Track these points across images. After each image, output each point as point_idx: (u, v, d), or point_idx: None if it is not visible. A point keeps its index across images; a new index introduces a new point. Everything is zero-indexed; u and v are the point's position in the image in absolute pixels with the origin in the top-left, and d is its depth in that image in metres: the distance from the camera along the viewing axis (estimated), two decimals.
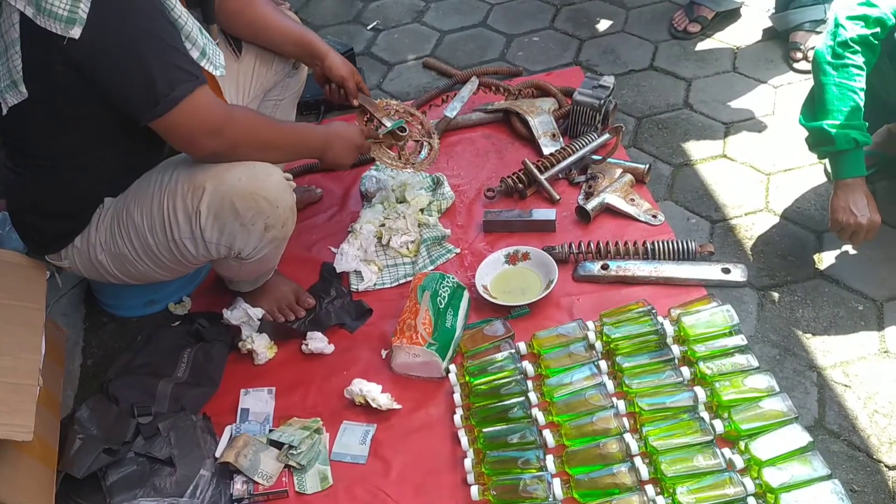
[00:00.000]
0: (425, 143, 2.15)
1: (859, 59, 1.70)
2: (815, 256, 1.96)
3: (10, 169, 1.71)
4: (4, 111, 1.52)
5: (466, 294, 1.95)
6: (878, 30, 1.69)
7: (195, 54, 1.56)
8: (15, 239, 2.00)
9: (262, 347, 1.89)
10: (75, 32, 1.38)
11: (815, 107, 1.77)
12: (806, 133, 1.82)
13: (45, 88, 1.48)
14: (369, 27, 3.07)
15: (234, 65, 1.91)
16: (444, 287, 1.90)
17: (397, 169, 2.09)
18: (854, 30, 1.69)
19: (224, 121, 1.55)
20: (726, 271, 1.93)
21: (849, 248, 1.95)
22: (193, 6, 1.74)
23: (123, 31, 1.42)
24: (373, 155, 2.06)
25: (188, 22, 1.55)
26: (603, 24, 2.90)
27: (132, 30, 1.43)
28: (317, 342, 1.90)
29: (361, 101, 2.06)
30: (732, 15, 2.79)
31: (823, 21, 2.53)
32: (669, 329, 1.77)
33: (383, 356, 1.87)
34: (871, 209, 1.74)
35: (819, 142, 1.77)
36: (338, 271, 2.04)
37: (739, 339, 1.72)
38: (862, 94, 1.70)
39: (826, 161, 1.92)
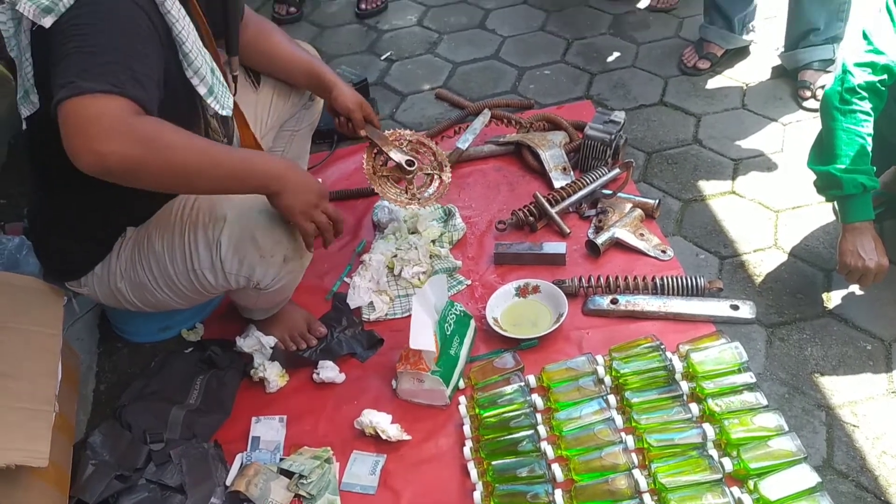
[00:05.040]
0: (436, 177, 2.13)
1: (867, 105, 1.73)
2: (824, 295, 1.98)
3: (38, 192, 1.74)
4: (24, 126, 1.53)
5: (473, 323, 1.97)
6: (885, 77, 1.72)
7: (202, 90, 1.56)
8: (32, 263, 2.04)
9: (274, 375, 1.91)
10: (47, 21, 1.34)
11: (823, 151, 1.79)
12: (814, 176, 1.85)
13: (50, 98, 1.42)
14: (383, 58, 3.11)
15: (252, 96, 1.95)
16: (451, 314, 1.92)
17: (401, 206, 2.07)
18: (862, 76, 1.72)
19: (119, 126, 1.31)
20: (735, 308, 1.94)
21: (856, 288, 1.97)
22: (219, 36, 1.78)
23: (85, 23, 1.34)
24: (376, 190, 2.04)
25: (198, 58, 1.55)
26: (613, 59, 2.94)
27: (94, 25, 1.35)
28: (328, 371, 1.91)
29: (368, 134, 2.04)
30: (741, 52, 2.83)
31: (832, 61, 2.57)
32: (678, 365, 1.79)
33: (393, 386, 1.88)
34: (880, 253, 1.76)
35: (827, 185, 1.79)
36: (351, 307, 2.06)
37: (748, 377, 1.73)
38: (870, 140, 1.73)
39: (834, 202, 1.94)
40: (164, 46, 1.48)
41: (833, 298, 1.97)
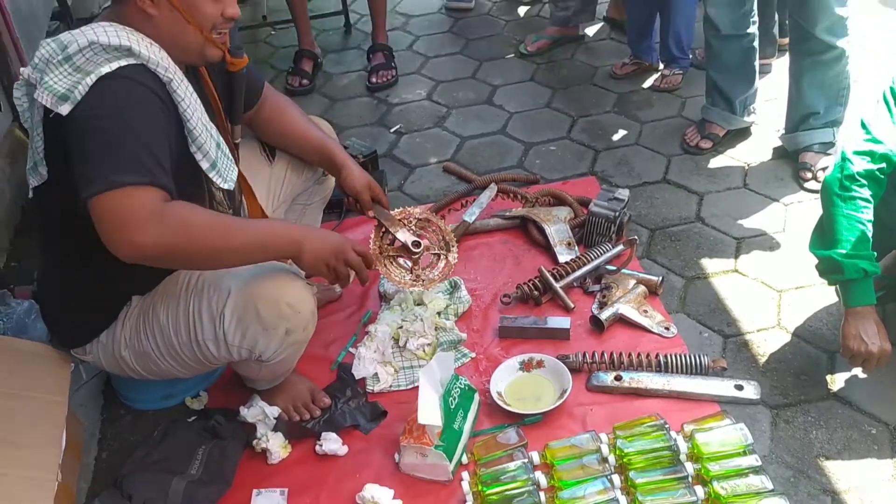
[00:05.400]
0: (442, 256, 2.13)
1: (866, 193, 1.77)
2: (828, 377, 1.98)
3: (46, 261, 1.78)
4: (30, 193, 1.60)
5: (477, 397, 1.97)
6: (883, 165, 1.76)
7: (205, 165, 1.63)
8: (40, 328, 2.05)
9: (277, 447, 1.90)
10: (64, 109, 1.42)
11: (824, 236, 1.83)
12: (816, 260, 1.87)
13: (61, 172, 1.51)
14: (393, 130, 3.19)
15: (266, 170, 2.00)
16: (455, 387, 1.92)
17: (405, 288, 2.09)
18: (861, 164, 1.77)
19: (152, 217, 1.41)
20: (739, 388, 1.95)
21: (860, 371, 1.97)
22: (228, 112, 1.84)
23: (102, 113, 1.43)
24: (381, 272, 2.06)
25: (203, 134, 1.61)
26: (618, 137, 3.01)
27: (111, 115, 1.43)
28: (331, 443, 1.91)
29: (376, 214, 2.06)
30: (743, 133, 2.90)
31: (832, 144, 2.63)
32: (683, 445, 1.78)
33: (396, 460, 1.87)
34: (882, 337, 1.77)
35: (829, 270, 1.82)
36: (356, 377, 2.07)
37: (754, 460, 1.72)
38: (870, 226, 1.76)
39: (837, 286, 1.97)
40: (172, 123, 1.55)
41: (837, 381, 1.97)
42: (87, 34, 1.47)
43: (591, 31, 3.76)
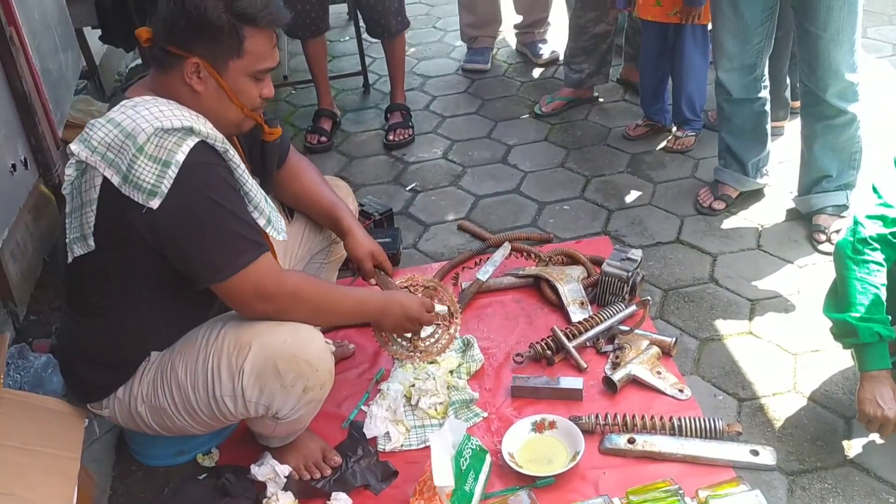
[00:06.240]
0: (444, 327, 2.10)
1: (879, 256, 1.77)
2: (845, 443, 1.95)
3: (68, 316, 1.82)
4: (70, 259, 1.65)
5: (489, 458, 1.95)
6: (895, 229, 1.77)
7: (262, 222, 1.70)
8: (56, 381, 2.08)
9: None
10: (154, 203, 1.52)
11: (838, 299, 1.83)
12: (831, 324, 1.87)
13: (112, 245, 1.61)
14: (408, 188, 3.23)
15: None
16: (467, 448, 1.91)
17: (400, 359, 2.09)
18: (873, 228, 1.78)
19: (275, 288, 1.65)
20: (755, 453, 1.92)
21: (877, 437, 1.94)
22: (254, 174, 1.89)
23: (197, 205, 1.56)
24: (379, 343, 2.07)
25: (257, 194, 1.71)
26: (631, 197, 3.04)
27: (205, 205, 1.56)
28: (340, 503, 1.89)
29: (378, 283, 2.07)
30: (756, 195, 2.91)
31: (846, 206, 2.64)
32: None
33: None
34: None
35: (843, 333, 1.82)
36: (368, 436, 2.06)
37: None
38: (883, 289, 1.76)
39: (852, 350, 1.95)
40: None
41: (854, 447, 1.94)
42: (149, 119, 1.54)
43: (604, 92, 3.82)
